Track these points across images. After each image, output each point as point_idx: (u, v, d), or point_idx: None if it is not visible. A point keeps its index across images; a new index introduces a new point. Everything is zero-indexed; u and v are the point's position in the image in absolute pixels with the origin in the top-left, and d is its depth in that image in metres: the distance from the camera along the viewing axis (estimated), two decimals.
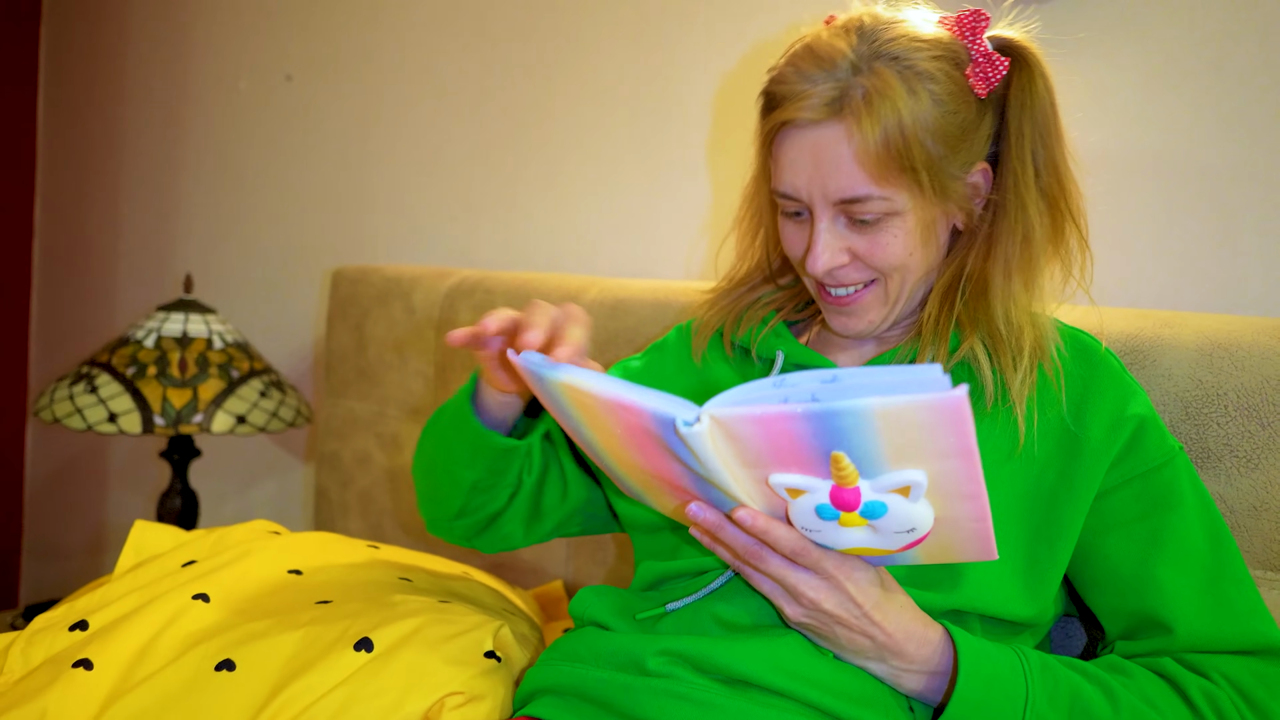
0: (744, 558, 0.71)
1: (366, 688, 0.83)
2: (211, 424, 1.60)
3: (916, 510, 0.64)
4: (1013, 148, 0.81)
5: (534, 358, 0.73)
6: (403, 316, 1.57)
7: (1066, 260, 0.84)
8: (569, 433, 0.78)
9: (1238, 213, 1.04)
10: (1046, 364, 0.80)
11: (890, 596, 0.73)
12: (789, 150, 0.79)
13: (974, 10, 0.79)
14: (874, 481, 0.62)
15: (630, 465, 0.74)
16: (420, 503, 1.03)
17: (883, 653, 0.73)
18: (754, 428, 0.61)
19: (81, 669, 0.85)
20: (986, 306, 0.81)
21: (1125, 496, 0.80)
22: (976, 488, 0.62)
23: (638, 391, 0.65)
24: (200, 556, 1.06)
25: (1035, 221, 0.80)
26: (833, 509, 0.65)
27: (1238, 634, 0.76)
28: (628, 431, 0.69)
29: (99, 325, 2.45)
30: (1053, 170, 0.81)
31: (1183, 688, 0.74)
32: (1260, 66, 1.02)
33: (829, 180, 0.77)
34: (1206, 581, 0.77)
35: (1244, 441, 0.90)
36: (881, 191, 0.77)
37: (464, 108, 1.74)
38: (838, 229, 0.80)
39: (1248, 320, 0.94)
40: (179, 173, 2.28)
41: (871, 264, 0.81)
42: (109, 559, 2.42)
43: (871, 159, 0.75)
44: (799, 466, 0.63)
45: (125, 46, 2.39)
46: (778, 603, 0.73)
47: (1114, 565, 0.80)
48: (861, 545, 0.68)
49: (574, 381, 0.69)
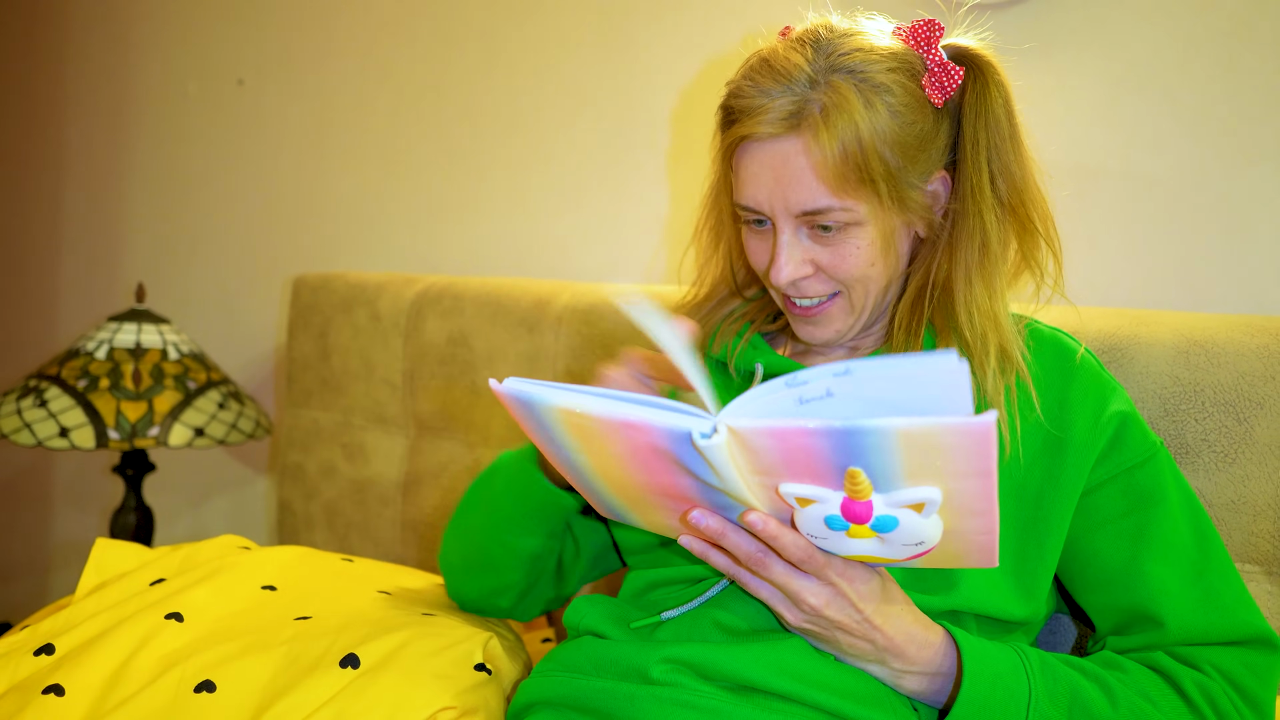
0: (746, 563, 0.70)
1: (355, 705, 0.81)
2: (169, 437, 1.55)
3: (927, 525, 0.63)
4: (969, 156, 0.81)
5: (519, 384, 0.68)
6: (368, 324, 1.54)
7: (1035, 265, 0.84)
8: (550, 458, 0.74)
9: (1204, 213, 1.06)
10: (1010, 366, 0.80)
11: (890, 600, 0.73)
12: (749, 164, 0.80)
13: (928, 20, 0.80)
14: (887, 496, 0.61)
15: (624, 485, 0.72)
16: (461, 578, 0.98)
17: (884, 655, 0.73)
18: (771, 440, 0.60)
19: (52, 695, 0.81)
20: (953, 311, 0.82)
21: (1110, 493, 0.81)
22: (989, 504, 0.62)
23: (642, 408, 0.64)
24: (169, 574, 1.02)
25: (992, 228, 0.81)
26: (843, 520, 0.64)
27: (1226, 625, 0.77)
28: (631, 451, 0.66)
29: (39, 338, 2.36)
30: (1009, 177, 0.82)
31: (1177, 681, 0.76)
32: (1222, 71, 1.05)
33: (789, 193, 0.78)
34: (1193, 575, 0.78)
35: (1221, 437, 0.92)
36: (842, 203, 0.77)
37: (423, 112, 1.72)
38: (800, 240, 0.81)
39: (1222, 318, 0.96)
40: (124, 180, 2.22)
41: (835, 276, 0.81)
42: (56, 579, 2.34)
43: (831, 171, 0.76)
44: (812, 478, 0.62)
45: (64, 48, 2.32)
46: (778, 609, 0.73)
47: (1102, 562, 0.81)
48: (867, 554, 0.68)
49: (571, 405, 0.65)
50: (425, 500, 1.48)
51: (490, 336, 1.41)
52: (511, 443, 1.39)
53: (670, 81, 1.43)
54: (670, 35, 1.43)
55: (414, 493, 1.49)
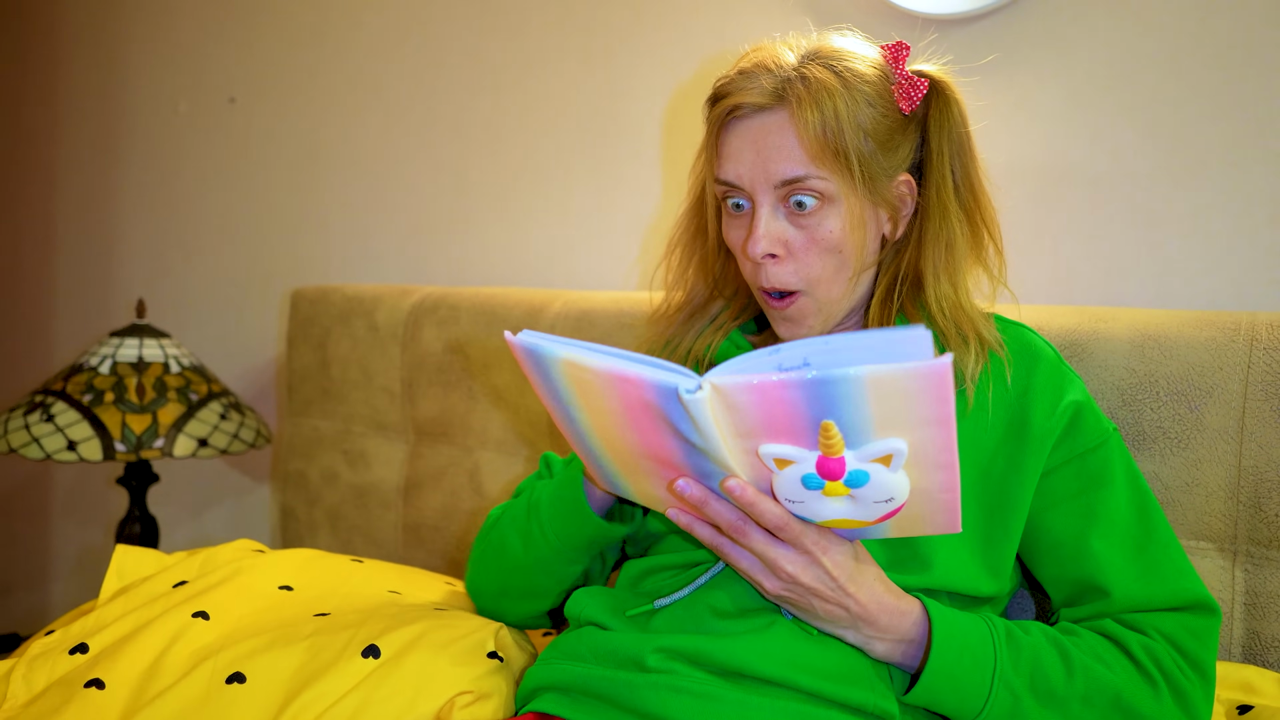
0: (728, 531, 0.76)
1: (379, 691, 0.87)
2: (173, 448, 1.60)
3: (895, 480, 0.68)
4: (934, 162, 0.89)
5: (534, 336, 0.72)
6: (366, 334, 1.60)
7: (986, 265, 0.93)
8: (556, 419, 0.79)
9: (1159, 214, 1.14)
10: (985, 345, 0.88)
11: (863, 570, 0.78)
12: (734, 139, 0.87)
13: (897, 42, 0.90)
14: (858, 451, 0.67)
15: (620, 447, 0.76)
16: (500, 603, 1.02)
17: (856, 622, 0.79)
18: (751, 396, 0.65)
19: (94, 688, 0.87)
20: (924, 303, 0.90)
21: (1065, 475, 0.88)
22: (950, 457, 0.67)
23: (638, 364, 0.68)
24: (190, 577, 1.08)
25: (957, 228, 0.89)
26: (818, 478, 0.69)
27: (1167, 593, 0.84)
28: (625, 407, 0.70)
29: (37, 356, 2.40)
30: (969, 186, 0.91)
31: (1125, 644, 0.83)
32: (1172, 80, 1.12)
33: (770, 163, 0.84)
34: (1135, 549, 0.86)
35: (1175, 424, 0.99)
36: (819, 172, 0.84)
37: (413, 127, 1.77)
38: (777, 217, 0.87)
39: (1174, 314, 1.03)
40: (118, 198, 2.25)
41: (802, 265, 0.87)
42: (57, 591, 2.38)
43: (810, 141, 0.83)
44: (789, 436, 0.67)
45: (55, 68, 2.36)
46: (756, 577, 0.78)
47: (1055, 538, 0.88)
48: (841, 517, 0.72)
49: (575, 358, 0.70)
50: (426, 504, 1.53)
51: (485, 344, 1.46)
52: (508, 445, 1.45)
53: (654, 93, 1.50)
54: (653, 49, 1.50)
55: (415, 497, 1.55)
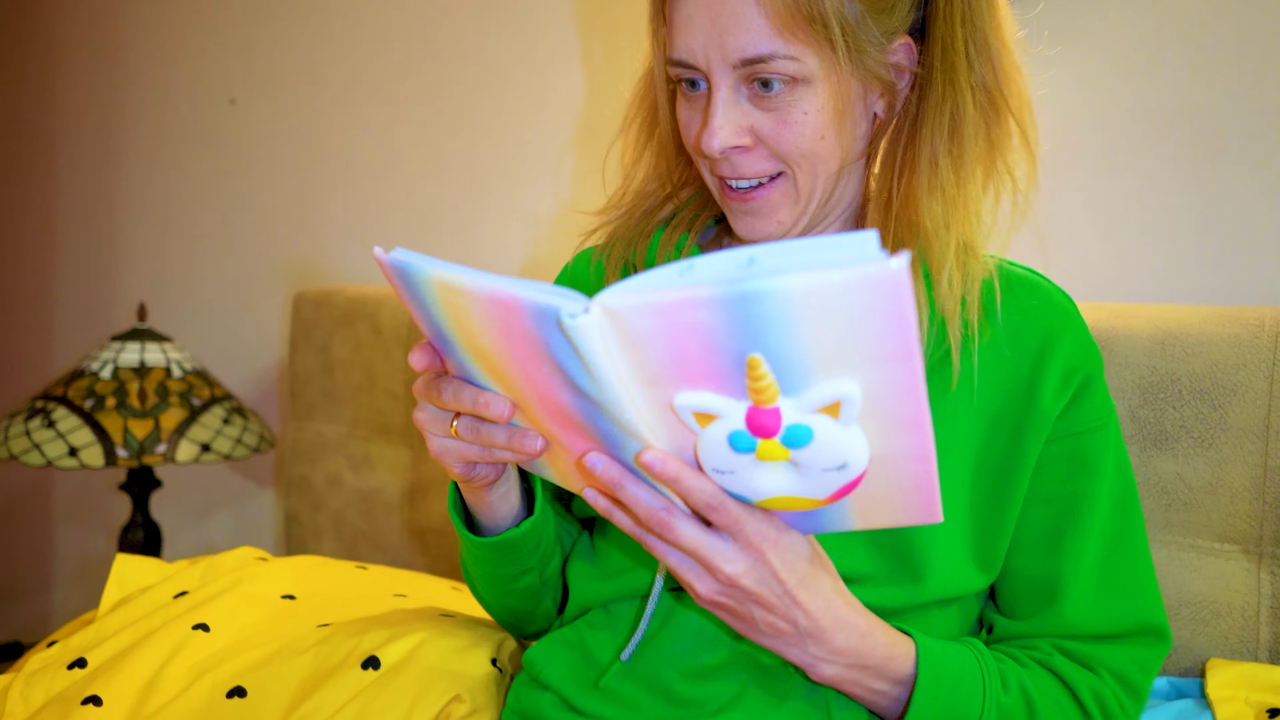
0: (647, 523, 0.59)
1: (376, 702, 0.84)
2: (176, 453, 1.58)
3: (848, 437, 0.53)
4: (942, 16, 0.70)
5: (407, 254, 0.59)
6: (369, 337, 1.58)
7: (1004, 162, 0.74)
8: (447, 360, 0.64)
9: (1177, 210, 1.11)
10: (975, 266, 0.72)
11: (818, 573, 0.62)
12: (684, 7, 0.69)
13: None
14: (797, 400, 0.51)
15: (519, 401, 0.61)
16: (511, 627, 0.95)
17: (804, 639, 0.63)
18: (655, 322, 0.49)
19: (91, 705, 0.84)
20: (915, 202, 0.71)
21: (1054, 454, 0.75)
22: (918, 411, 0.51)
23: (518, 285, 0.53)
24: (191, 587, 1.06)
25: (966, 102, 0.70)
26: (749, 436, 0.53)
27: (1121, 615, 0.75)
28: (506, 339, 0.56)
29: (37, 361, 2.38)
30: (985, 49, 0.71)
31: (1075, 691, 0.74)
32: (1190, 73, 1.09)
33: (727, 37, 0.67)
34: (1104, 554, 0.75)
35: (1198, 423, 0.97)
36: (788, 49, 0.67)
37: (415, 127, 1.75)
38: (739, 101, 0.70)
39: (1195, 309, 1.01)
40: (118, 201, 2.24)
41: (778, 149, 0.71)
42: (59, 597, 2.36)
43: (777, 6, 0.66)
44: (709, 381, 0.52)
45: (54, 70, 2.34)
46: (687, 578, 0.61)
47: (1026, 525, 0.76)
48: (784, 492, 0.57)
49: (448, 279, 0.56)
50: (431, 508, 1.51)
51: None
52: None
53: None
54: None
55: (420, 501, 1.53)
